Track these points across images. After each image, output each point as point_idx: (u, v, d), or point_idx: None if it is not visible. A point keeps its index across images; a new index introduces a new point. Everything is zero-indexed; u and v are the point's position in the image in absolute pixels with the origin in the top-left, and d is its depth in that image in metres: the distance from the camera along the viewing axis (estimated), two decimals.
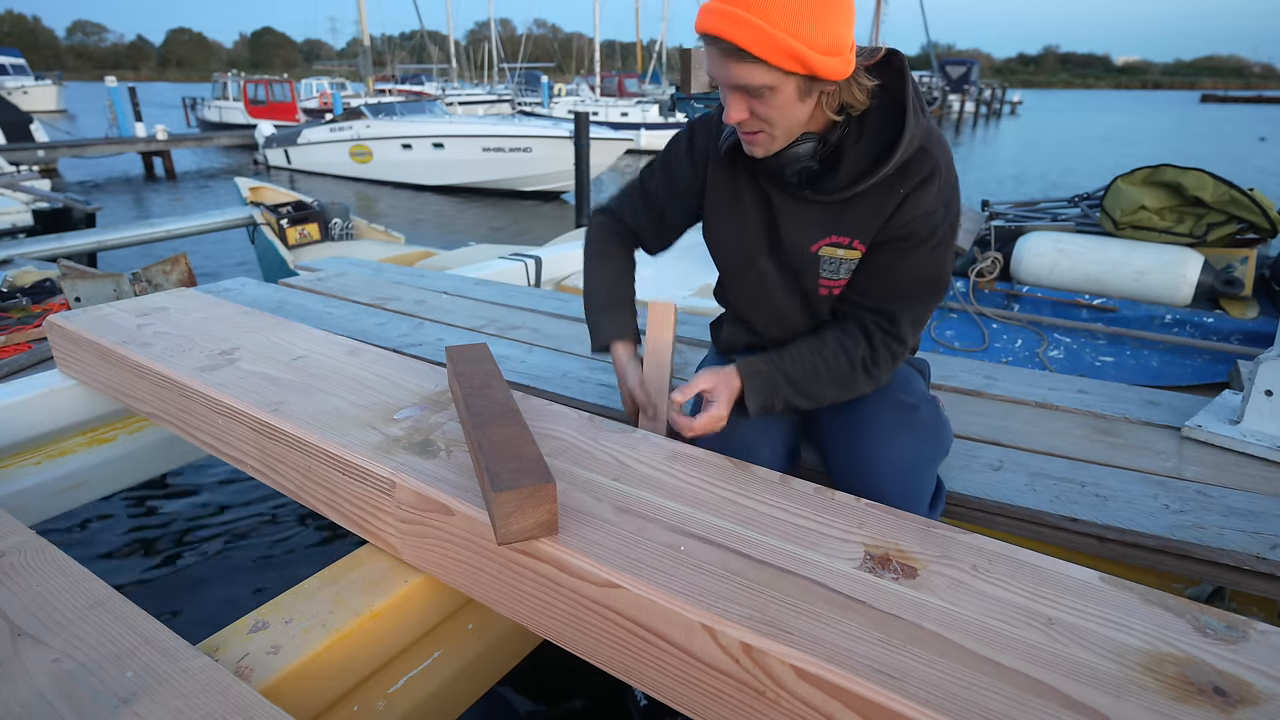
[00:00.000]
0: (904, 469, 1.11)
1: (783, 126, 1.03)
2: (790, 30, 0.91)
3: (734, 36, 0.92)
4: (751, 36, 0.92)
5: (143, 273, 2.92)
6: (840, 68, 0.97)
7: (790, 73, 0.95)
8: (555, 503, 0.89)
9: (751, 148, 1.08)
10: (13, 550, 1.04)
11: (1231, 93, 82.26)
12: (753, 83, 0.96)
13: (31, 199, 5.72)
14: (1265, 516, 1.16)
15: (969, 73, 35.33)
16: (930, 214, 1.08)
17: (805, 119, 1.04)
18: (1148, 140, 23.15)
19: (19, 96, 26.06)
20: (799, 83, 0.97)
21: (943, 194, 1.08)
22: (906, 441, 1.15)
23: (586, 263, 1.38)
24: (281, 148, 14.35)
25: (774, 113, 1.00)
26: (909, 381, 1.26)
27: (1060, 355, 2.95)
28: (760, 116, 1.02)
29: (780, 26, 0.91)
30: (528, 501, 0.88)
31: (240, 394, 1.28)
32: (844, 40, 0.96)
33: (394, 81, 29.69)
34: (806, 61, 0.93)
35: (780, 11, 0.91)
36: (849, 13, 0.96)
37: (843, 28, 0.95)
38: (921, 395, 1.23)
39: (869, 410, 1.20)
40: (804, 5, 0.91)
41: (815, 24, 0.92)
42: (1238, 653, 0.73)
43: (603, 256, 1.37)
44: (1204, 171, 2.86)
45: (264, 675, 0.90)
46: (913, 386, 1.25)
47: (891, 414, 1.18)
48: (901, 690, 0.69)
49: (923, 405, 1.19)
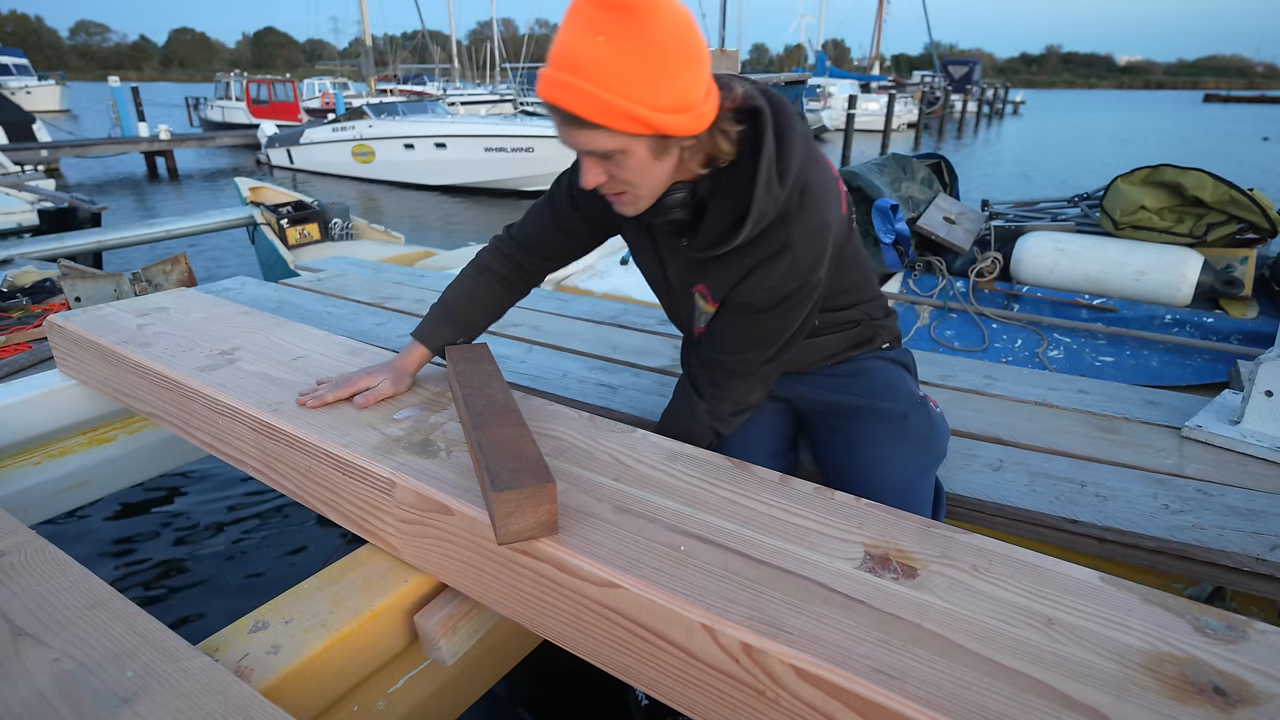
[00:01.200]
0: (901, 484, 1.11)
1: (645, 186, 0.99)
2: (626, 94, 0.87)
3: (569, 105, 0.88)
4: (587, 104, 0.87)
5: (143, 273, 2.92)
6: (691, 123, 0.93)
7: (637, 135, 0.91)
8: (555, 503, 0.89)
9: (620, 207, 1.04)
10: (13, 550, 1.04)
11: (1234, 92, 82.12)
12: (599, 148, 0.92)
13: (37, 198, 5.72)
14: (1265, 517, 1.16)
15: (971, 72, 35.36)
16: (774, 289, 1.05)
17: (669, 175, 1.00)
18: (1151, 140, 23.13)
19: (23, 96, 26.12)
20: (650, 143, 0.93)
21: (796, 269, 1.03)
22: (900, 455, 1.15)
23: (466, 267, 1.35)
24: (284, 147, 14.37)
25: (631, 174, 0.97)
26: (893, 387, 1.23)
27: (1060, 355, 2.95)
28: (618, 179, 0.98)
29: (615, 91, 0.86)
30: (528, 501, 0.88)
31: (240, 394, 1.28)
32: (690, 95, 0.91)
33: (396, 81, 29.69)
34: (649, 122, 0.89)
35: (614, 75, 0.86)
36: (695, 64, 0.90)
37: (689, 82, 0.90)
38: (909, 399, 1.21)
39: (859, 427, 1.20)
40: (640, 66, 0.86)
41: (654, 84, 0.87)
42: (1238, 653, 0.73)
43: (475, 273, 1.32)
44: (1204, 171, 2.86)
45: (264, 675, 0.90)
46: (898, 392, 1.22)
47: (882, 429, 1.18)
48: (901, 690, 0.69)
49: (912, 412, 1.18)
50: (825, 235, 1.04)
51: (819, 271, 1.05)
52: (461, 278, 1.33)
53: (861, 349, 1.27)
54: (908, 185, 3.62)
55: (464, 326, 1.31)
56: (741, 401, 1.16)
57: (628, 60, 0.86)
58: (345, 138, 13.22)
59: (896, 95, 21.43)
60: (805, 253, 1.03)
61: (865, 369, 1.26)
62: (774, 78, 6.24)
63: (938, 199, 3.54)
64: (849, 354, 1.27)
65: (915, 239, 3.38)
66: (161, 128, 14.14)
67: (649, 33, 0.86)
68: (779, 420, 1.31)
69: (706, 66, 0.93)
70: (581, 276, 3.53)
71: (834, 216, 1.05)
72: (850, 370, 1.27)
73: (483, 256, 1.33)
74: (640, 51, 0.86)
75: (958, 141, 21.98)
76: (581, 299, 2.39)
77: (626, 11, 0.85)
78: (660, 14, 0.86)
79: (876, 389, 1.23)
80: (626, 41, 0.85)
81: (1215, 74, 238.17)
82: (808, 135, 1.04)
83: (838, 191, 1.08)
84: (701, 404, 1.17)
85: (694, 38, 0.90)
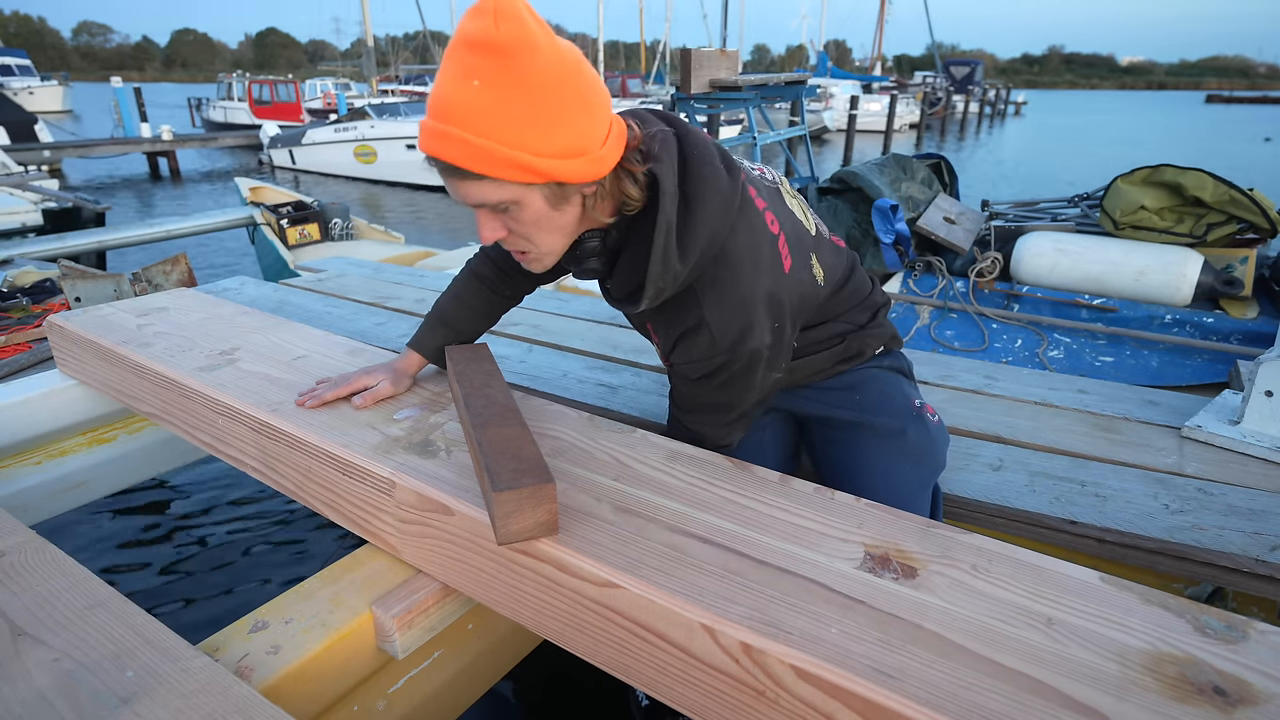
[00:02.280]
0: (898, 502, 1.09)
1: (545, 242, 0.92)
2: (507, 140, 0.80)
3: (449, 156, 0.81)
4: (465, 153, 0.80)
5: (143, 273, 2.92)
6: (588, 168, 0.85)
7: (528, 184, 0.84)
8: (555, 503, 0.89)
9: (526, 265, 0.98)
10: (13, 550, 1.04)
11: (1236, 93, 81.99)
12: (489, 200, 0.85)
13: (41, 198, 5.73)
14: (1265, 517, 1.16)
15: (973, 73, 35.38)
16: (702, 361, 0.99)
17: (573, 225, 0.92)
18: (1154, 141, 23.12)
19: (25, 97, 26.20)
20: (545, 192, 0.86)
21: (718, 345, 0.96)
22: (897, 473, 1.14)
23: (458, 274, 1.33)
24: (286, 148, 14.39)
25: (528, 228, 0.89)
26: (889, 400, 1.18)
27: (1060, 355, 2.95)
28: (517, 234, 0.91)
29: (494, 138, 0.80)
30: (528, 502, 0.87)
31: (240, 394, 1.28)
32: (586, 138, 0.84)
33: (397, 82, 29.68)
34: (538, 170, 0.82)
35: (491, 122, 0.79)
36: (584, 106, 0.83)
37: (582, 123, 0.83)
38: (906, 413, 1.17)
39: (855, 443, 1.19)
40: (521, 111, 0.79)
41: (537, 129, 0.80)
42: (1238, 653, 0.73)
43: (465, 280, 1.30)
44: (1204, 171, 2.86)
45: (264, 675, 0.90)
46: (894, 405, 1.18)
47: (877, 446, 1.16)
48: (901, 690, 0.69)
49: (910, 427, 1.15)
50: (750, 308, 0.95)
51: (750, 343, 0.96)
52: (452, 284, 1.32)
53: (852, 362, 1.21)
54: (908, 185, 3.62)
55: (455, 332, 1.30)
56: (720, 441, 1.13)
57: (504, 105, 0.79)
58: (348, 138, 13.23)
59: (898, 96, 21.42)
60: (725, 329, 0.95)
61: (860, 381, 1.21)
62: (773, 78, 6.23)
63: (938, 199, 3.54)
64: (839, 368, 1.21)
65: (915, 239, 3.38)
66: (164, 128, 14.17)
67: (525, 75, 0.79)
68: (781, 428, 1.30)
69: (601, 107, 0.86)
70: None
71: (762, 285, 0.96)
72: (844, 383, 1.21)
73: (472, 262, 1.31)
74: (518, 95, 0.79)
75: (959, 142, 21.98)
76: (581, 299, 2.39)
77: (499, 53, 0.77)
78: (538, 54, 0.79)
79: (872, 403, 1.18)
80: (502, 86, 0.78)
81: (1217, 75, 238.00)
82: (727, 201, 0.94)
83: (772, 253, 0.98)
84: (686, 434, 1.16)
85: (582, 77, 0.83)
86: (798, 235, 1.07)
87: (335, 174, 13.77)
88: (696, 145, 0.96)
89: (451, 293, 1.31)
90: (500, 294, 1.31)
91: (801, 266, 1.05)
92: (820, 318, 1.16)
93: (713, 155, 0.97)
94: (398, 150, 12.54)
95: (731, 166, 0.98)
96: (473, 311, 1.30)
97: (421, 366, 1.32)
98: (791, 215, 1.09)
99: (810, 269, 1.08)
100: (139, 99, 14.97)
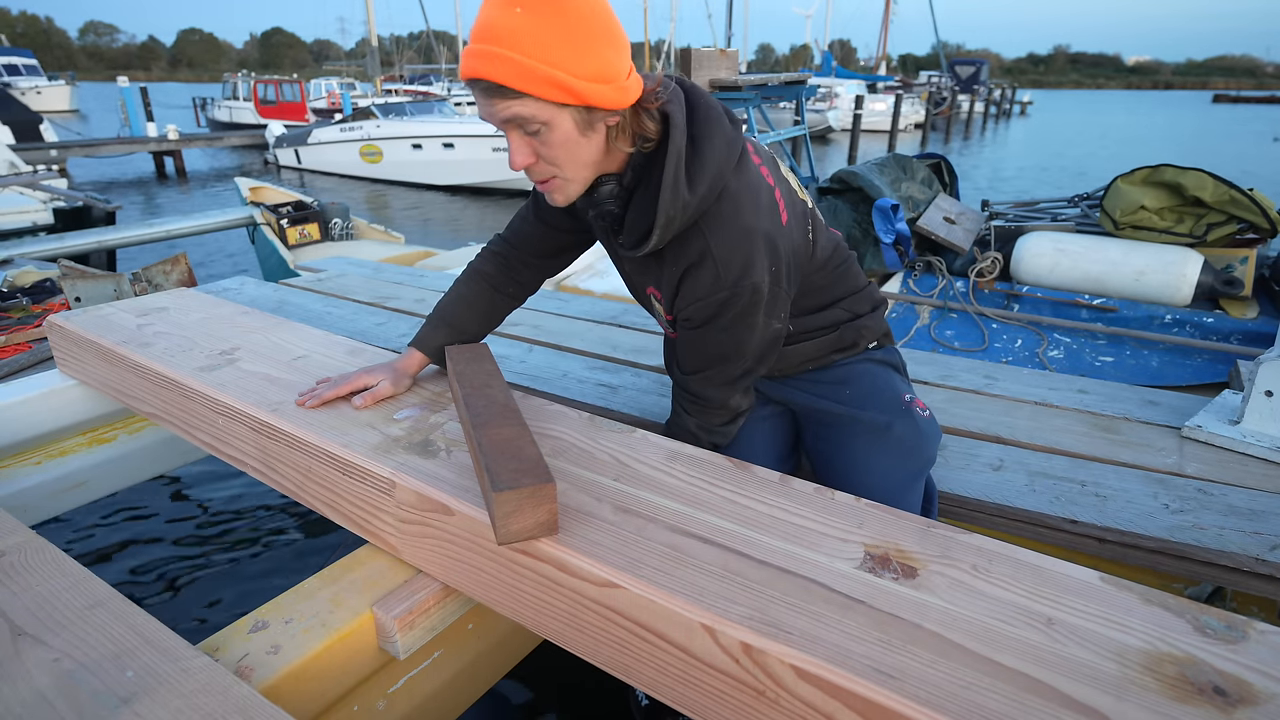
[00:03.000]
0: (885, 495, 1.09)
1: (571, 167, 0.98)
2: (547, 60, 0.87)
3: (491, 74, 0.88)
4: (508, 71, 0.88)
5: (143, 273, 2.92)
6: (615, 96, 0.93)
7: (562, 105, 0.91)
8: (555, 503, 0.89)
9: (550, 195, 1.02)
10: (13, 550, 1.04)
11: (1244, 93, 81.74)
12: (522, 114, 0.91)
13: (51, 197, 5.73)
14: (1265, 517, 1.16)
15: (978, 73, 35.32)
16: (705, 300, 1.03)
17: (597, 157, 0.99)
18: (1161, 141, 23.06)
19: (33, 96, 26.28)
20: (575, 115, 0.92)
21: (722, 278, 1.01)
22: (883, 466, 1.14)
23: (463, 271, 1.34)
24: (292, 148, 14.40)
25: (557, 152, 0.95)
26: (878, 394, 1.20)
27: (1060, 355, 2.95)
28: (546, 160, 0.97)
29: (536, 57, 0.87)
30: (527, 501, 0.88)
31: (240, 394, 1.28)
32: (613, 67, 0.92)
33: (401, 81, 29.67)
34: (573, 90, 0.89)
35: (534, 43, 0.87)
36: (615, 41, 0.92)
37: (610, 54, 0.91)
38: (894, 407, 1.18)
39: (842, 437, 1.20)
40: (560, 35, 0.87)
41: (575, 52, 0.88)
42: (1238, 653, 0.73)
43: (469, 279, 1.32)
44: (1204, 171, 2.86)
45: (264, 675, 0.90)
46: (883, 399, 1.19)
47: (863, 439, 1.17)
48: (901, 690, 0.69)
49: (897, 422, 1.16)
50: (752, 241, 1.00)
51: (751, 278, 1.01)
52: (455, 283, 1.32)
53: (845, 353, 1.23)
54: (908, 185, 3.62)
55: (458, 331, 1.30)
56: (726, 412, 1.15)
57: (546, 29, 0.87)
58: (353, 138, 13.24)
59: (903, 96, 21.40)
60: (729, 260, 1.00)
61: (850, 374, 1.23)
62: (772, 78, 6.22)
63: (938, 199, 3.54)
64: (831, 358, 1.23)
65: (915, 239, 3.38)
66: (170, 128, 14.18)
67: (563, 4, 0.88)
68: (780, 424, 1.31)
69: (625, 45, 0.94)
70: (582, 276, 3.53)
71: (764, 224, 1.01)
72: (835, 377, 1.23)
73: (475, 261, 1.33)
74: (558, 21, 0.87)
75: (964, 142, 21.95)
76: (581, 299, 2.39)
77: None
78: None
79: (861, 396, 1.20)
80: (542, 13, 0.87)
81: (1224, 74, 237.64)
82: (732, 143, 1.01)
83: (770, 201, 1.05)
84: (690, 420, 1.17)
85: (611, 17, 0.92)
86: (791, 199, 1.11)
87: (341, 174, 13.77)
88: (702, 95, 1.05)
89: (454, 292, 1.31)
90: (503, 292, 1.31)
91: (796, 227, 1.10)
92: (818, 301, 1.19)
93: (716, 104, 1.05)
94: (403, 150, 12.54)
95: (734, 118, 1.05)
96: (475, 312, 1.31)
97: (423, 366, 1.32)
98: (786, 182, 1.13)
99: (805, 233, 1.13)
100: (145, 99, 14.99)
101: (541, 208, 1.25)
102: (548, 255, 1.30)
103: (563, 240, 1.28)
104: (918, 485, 1.17)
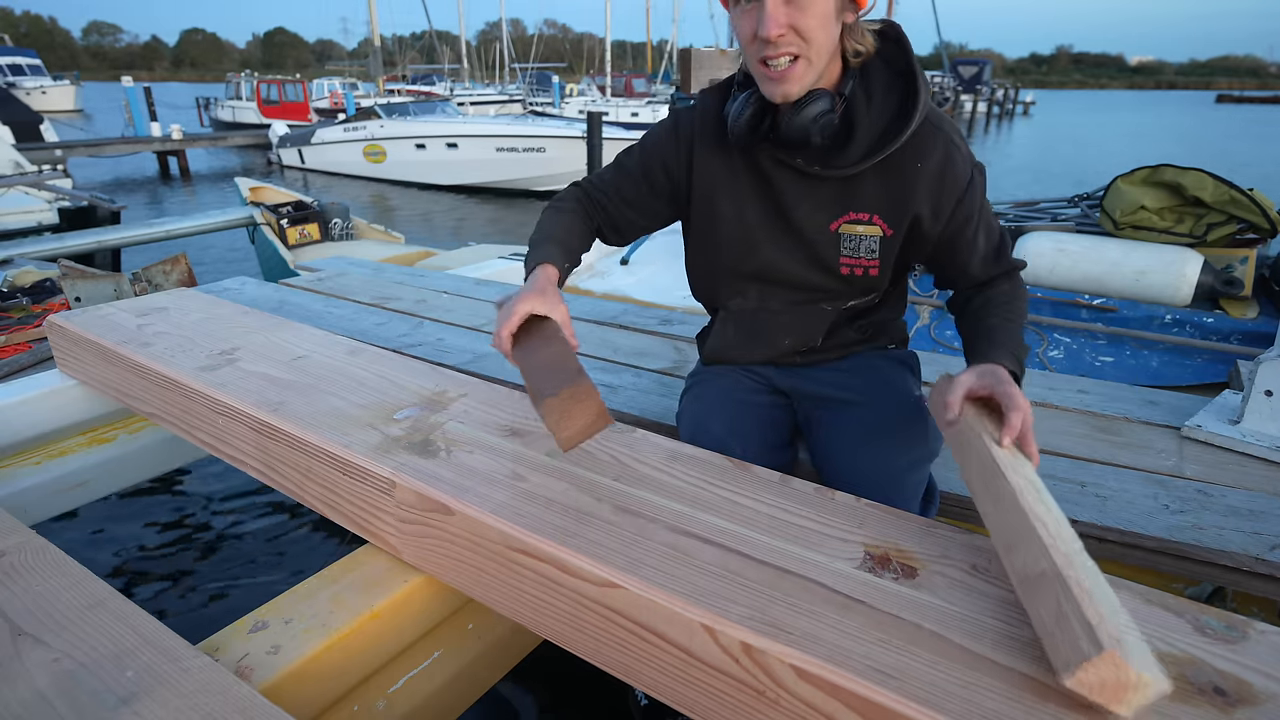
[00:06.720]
0: (884, 478, 1.09)
1: (818, 46, 1.01)
2: None
3: None
4: None
5: (143, 273, 2.92)
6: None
7: None
8: (598, 397, 0.94)
9: (781, 83, 1.02)
10: (13, 550, 1.04)
11: (1247, 93, 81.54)
12: None
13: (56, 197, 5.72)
14: (1265, 516, 1.16)
15: (981, 73, 35.25)
16: (972, 183, 1.12)
17: (833, 49, 1.04)
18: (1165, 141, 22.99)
19: (39, 96, 26.33)
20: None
21: (966, 157, 1.12)
22: (883, 448, 1.14)
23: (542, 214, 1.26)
24: (295, 147, 14.42)
25: (813, 22, 0.98)
26: (889, 385, 1.23)
27: (1060, 355, 2.95)
28: (800, 31, 0.98)
29: None
30: (571, 403, 0.93)
31: (240, 394, 1.28)
32: None
33: (404, 81, 29.66)
34: None
35: None
36: None
37: None
38: (903, 398, 1.20)
39: (845, 421, 1.20)
40: None
41: None
42: (1238, 653, 0.73)
43: (556, 211, 1.24)
44: (1204, 171, 2.87)
45: (264, 675, 0.90)
46: (893, 389, 1.22)
47: (865, 423, 1.18)
48: (901, 690, 0.69)
49: (902, 409, 1.18)
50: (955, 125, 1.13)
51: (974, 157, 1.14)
52: (542, 219, 1.23)
53: (867, 344, 1.29)
54: None
55: (566, 249, 1.18)
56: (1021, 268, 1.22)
57: None
58: (357, 138, 13.24)
59: None
60: (961, 144, 1.11)
61: (866, 366, 1.27)
62: None
63: None
64: (855, 348, 1.28)
65: None
66: (174, 127, 14.19)
67: None
68: (777, 415, 1.30)
69: None
70: (582, 276, 3.53)
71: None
72: (851, 366, 1.27)
73: (552, 200, 1.27)
74: None
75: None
76: (581, 299, 2.39)
77: None
78: None
79: (872, 386, 1.23)
80: None
81: (1228, 74, 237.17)
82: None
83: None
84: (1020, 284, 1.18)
85: None
86: None
87: (344, 173, 13.77)
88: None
89: (547, 222, 1.22)
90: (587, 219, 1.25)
91: None
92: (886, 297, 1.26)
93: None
94: (407, 150, 12.54)
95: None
96: (572, 232, 1.21)
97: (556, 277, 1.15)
98: None
99: None
100: (149, 98, 14.97)
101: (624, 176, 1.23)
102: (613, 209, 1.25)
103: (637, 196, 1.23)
104: (917, 474, 1.16)
